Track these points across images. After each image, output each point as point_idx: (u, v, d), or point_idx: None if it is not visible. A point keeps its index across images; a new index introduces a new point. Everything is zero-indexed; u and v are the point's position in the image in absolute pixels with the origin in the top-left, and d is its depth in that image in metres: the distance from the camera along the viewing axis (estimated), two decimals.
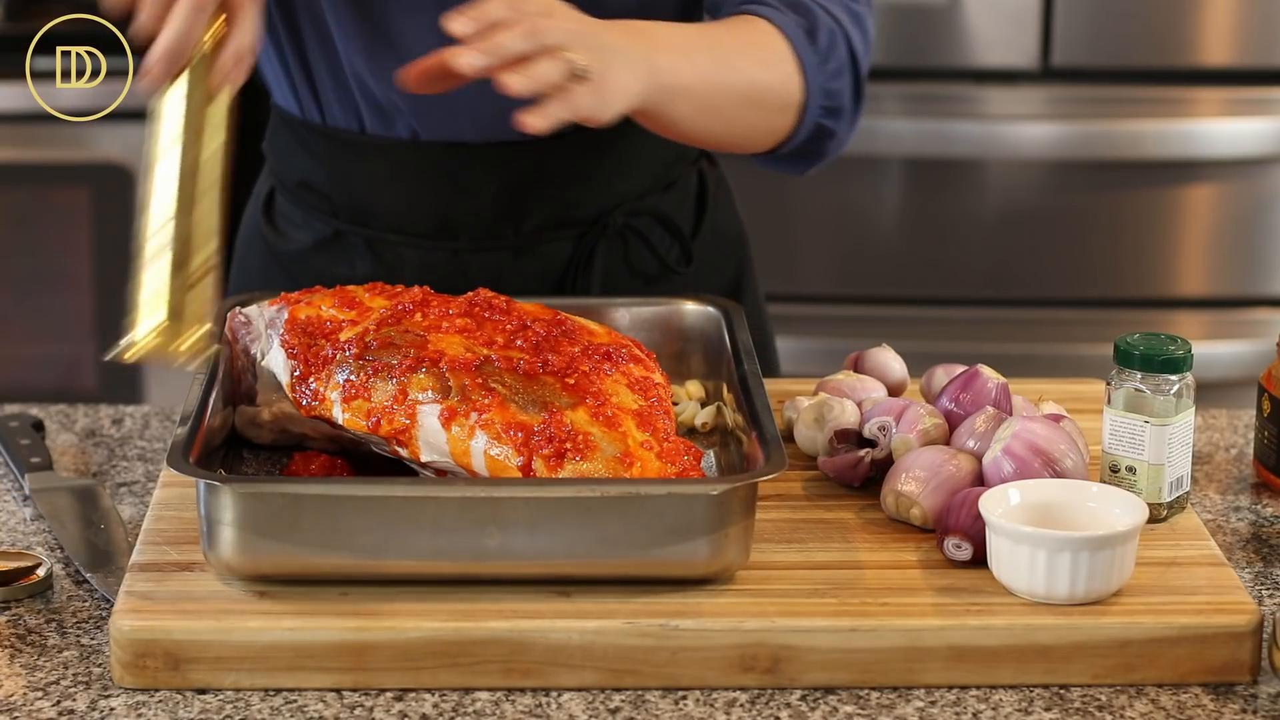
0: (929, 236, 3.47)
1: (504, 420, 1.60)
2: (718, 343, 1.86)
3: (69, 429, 1.95)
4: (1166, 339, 1.69)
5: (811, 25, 1.86)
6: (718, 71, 1.78)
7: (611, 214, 2.02)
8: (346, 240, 2.02)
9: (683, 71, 1.74)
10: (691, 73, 1.75)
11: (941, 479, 1.66)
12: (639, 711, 1.50)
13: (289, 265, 2.05)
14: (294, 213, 2.05)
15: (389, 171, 1.98)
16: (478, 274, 1.98)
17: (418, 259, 2.00)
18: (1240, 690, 1.54)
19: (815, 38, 1.85)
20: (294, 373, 1.70)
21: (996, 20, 3.38)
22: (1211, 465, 1.89)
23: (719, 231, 2.13)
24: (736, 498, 1.55)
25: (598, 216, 2.01)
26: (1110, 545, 1.55)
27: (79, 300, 3.55)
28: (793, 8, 1.86)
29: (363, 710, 1.49)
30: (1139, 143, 3.42)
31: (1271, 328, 3.49)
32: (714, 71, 1.78)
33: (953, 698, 1.52)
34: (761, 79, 1.81)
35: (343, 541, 1.53)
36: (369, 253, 2.01)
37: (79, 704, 1.49)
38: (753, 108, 1.82)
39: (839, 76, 1.87)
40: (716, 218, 2.13)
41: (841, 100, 1.87)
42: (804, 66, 1.84)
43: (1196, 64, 3.43)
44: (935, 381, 1.85)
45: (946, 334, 3.48)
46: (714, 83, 1.78)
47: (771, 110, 1.84)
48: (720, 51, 1.79)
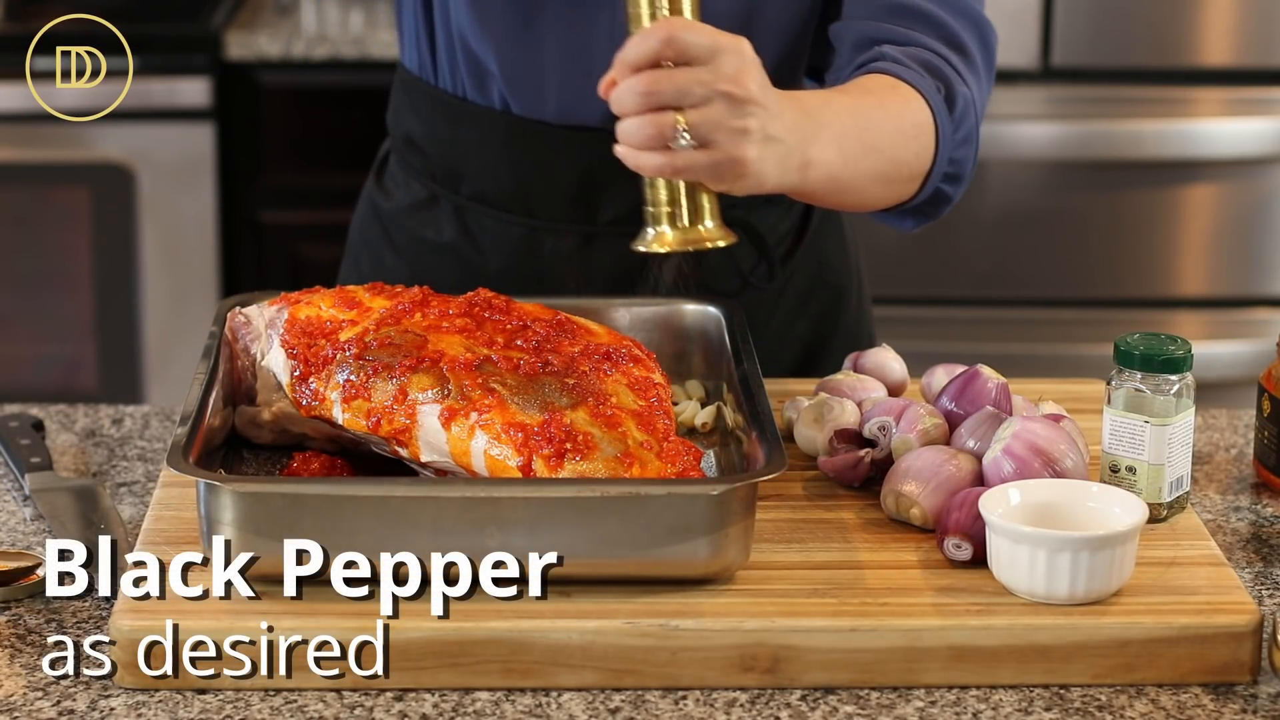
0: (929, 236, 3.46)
1: (504, 420, 1.60)
2: (718, 343, 1.86)
3: (69, 429, 1.95)
4: (1166, 339, 1.69)
5: (950, 93, 1.81)
6: (864, 156, 1.74)
7: None
8: (438, 205, 2.06)
9: (833, 163, 1.70)
10: (841, 164, 1.71)
11: (941, 479, 1.66)
12: (639, 711, 1.50)
13: (387, 224, 2.10)
14: (399, 173, 2.10)
15: (479, 139, 2.00)
16: (551, 255, 2.01)
17: (497, 231, 2.03)
18: (1240, 690, 1.54)
19: (953, 107, 1.81)
20: (294, 373, 1.70)
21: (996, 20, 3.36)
22: (1211, 465, 1.89)
23: (821, 259, 2.10)
24: (736, 498, 1.55)
25: None
26: (1110, 545, 1.55)
27: (79, 300, 3.56)
28: (930, 71, 1.82)
29: (363, 710, 1.49)
30: (1139, 143, 3.43)
31: (1271, 328, 3.50)
32: (863, 158, 1.74)
33: (953, 698, 1.52)
34: (901, 156, 1.77)
35: (343, 541, 1.53)
36: (455, 219, 2.04)
37: (79, 704, 1.49)
38: (886, 183, 1.79)
39: (966, 145, 1.83)
40: (820, 245, 2.09)
41: (964, 168, 1.84)
42: (939, 137, 1.80)
43: (1196, 64, 3.44)
44: (935, 381, 1.85)
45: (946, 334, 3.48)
46: (860, 169, 1.74)
47: (904, 181, 1.80)
48: (872, 135, 1.75)
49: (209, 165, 3.52)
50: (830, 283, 2.11)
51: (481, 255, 2.04)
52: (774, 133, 1.62)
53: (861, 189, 1.77)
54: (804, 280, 2.08)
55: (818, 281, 2.10)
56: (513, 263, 2.02)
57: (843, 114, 1.73)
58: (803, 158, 1.66)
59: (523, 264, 2.02)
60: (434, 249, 2.05)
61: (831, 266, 2.11)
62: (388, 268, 2.09)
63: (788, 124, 1.64)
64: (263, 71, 3.54)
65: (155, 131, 3.50)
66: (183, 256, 3.54)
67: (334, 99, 3.57)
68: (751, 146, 1.60)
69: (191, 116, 3.50)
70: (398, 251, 2.09)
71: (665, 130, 1.59)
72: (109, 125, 3.47)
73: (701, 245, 1.67)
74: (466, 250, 2.04)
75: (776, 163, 1.63)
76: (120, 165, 3.51)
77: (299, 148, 3.59)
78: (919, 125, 1.78)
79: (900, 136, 1.77)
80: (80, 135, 3.49)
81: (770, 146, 1.62)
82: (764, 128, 1.61)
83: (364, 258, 2.13)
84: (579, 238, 2.01)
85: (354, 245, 2.17)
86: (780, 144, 1.63)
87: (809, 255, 2.08)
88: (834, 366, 2.07)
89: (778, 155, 1.63)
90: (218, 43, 3.49)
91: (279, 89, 3.55)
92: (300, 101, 3.58)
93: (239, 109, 3.55)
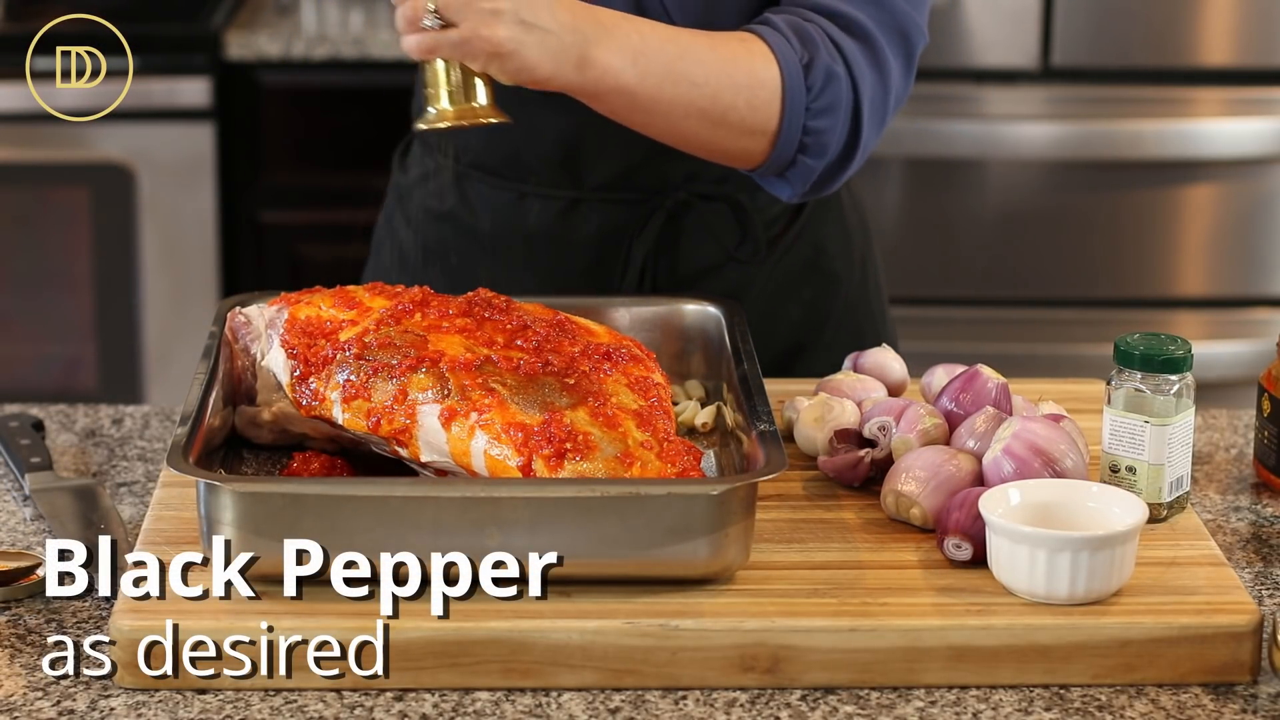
0: (929, 236, 3.47)
1: (504, 420, 1.60)
2: (718, 343, 1.86)
3: (69, 429, 1.95)
4: (1166, 339, 1.69)
5: (811, 60, 1.85)
6: (671, 82, 1.81)
7: (677, 188, 2.03)
8: (440, 175, 2.11)
9: (623, 74, 1.78)
10: (634, 76, 1.79)
11: (941, 479, 1.66)
12: (639, 711, 1.50)
13: (403, 197, 2.17)
14: (417, 150, 2.17)
15: None
16: (539, 220, 2.06)
17: (490, 196, 2.08)
18: (1240, 690, 1.54)
19: (810, 72, 1.85)
20: (294, 373, 1.70)
21: (996, 20, 3.38)
22: (1211, 465, 1.89)
23: (817, 245, 2.11)
24: (736, 498, 1.55)
25: (662, 186, 2.03)
26: (1110, 545, 1.55)
27: (79, 300, 3.56)
28: (800, 37, 1.86)
29: (363, 710, 1.49)
30: (1139, 143, 3.43)
31: (1271, 328, 3.49)
32: (666, 81, 1.80)
33: (953, 698, 1.52)
34: (727, 99, 1.83)
35: (343, 541, 1.53)
36: (455, 188, 2.10)
37: (79, 704, 1.49)
38: (711, 124, 1.84)
39: (827, 116, 1.86)
40: (817, 231, 2.11)
41: (826, 140, 1.87)
42: (787, 98, 1.85)
43: (1196, 64, 3.44)
44: (935, 381, 1.85)
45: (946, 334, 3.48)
46: (664, 92, 1.81)
47: (736, 131, 1.85)
48: (685, 63, 1.81)
49: (209, 165, 3.52)
50: (826, 270, 2.12)
51: (475, 220, 2.09)
52: (533, 20, 1.73)
53: (671, 117, 1.83)
54: (797, 263, 2.10)
55: (813, 267, 2.11)
56: (503, 227, 2.07)
57: (648, 34, 1.81)
58: (580, 55, 1.76)
59: (512, 227, 2.07)
60: (437, 217, 2.11)
61: (829, 254, 2.12)
62: (402, 242, 2.15)
63: (561, 19, 1.75)
64: (263, 71, 3.54)
65: (155, 131, 3.50)
66: (183, 256, 3.54)
67: (334, 99, 3.57)
68: (501, 27, 1.72)
69: (191, 116, 3.50)
70: (409, 222, 2.15)
71: (417, 13, 1.72)
72: (109, 125, 3.47)
73: (476, 121, 1.77)
74: (463, 216, 2.09)
75: (546, 52, 1.74)
76: (120, 165, 3.51)
77: (299, 148, 3.59)
78: (757, 78, 1.84)
79: (727, 79, 1.83)
80: (80, 135, 3.49)
81: (530, 32, 1.73)
82: (518, 12, 1.72)
83: (385, 238, 2.20)
84: (565, 202, 2.05)
85: (378, 231, 2.23)
86: (547, 33, 1.74)
87: (804, 240, 2.10)
88: (826, 355, 2.08)
89: (546, 44, 1.74)
90: (218, 43, 3.49)
91: (279, 89, 3.55)
92: (300, 101, 3.58)
93: (239, 109, 3.55)
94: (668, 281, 2.06)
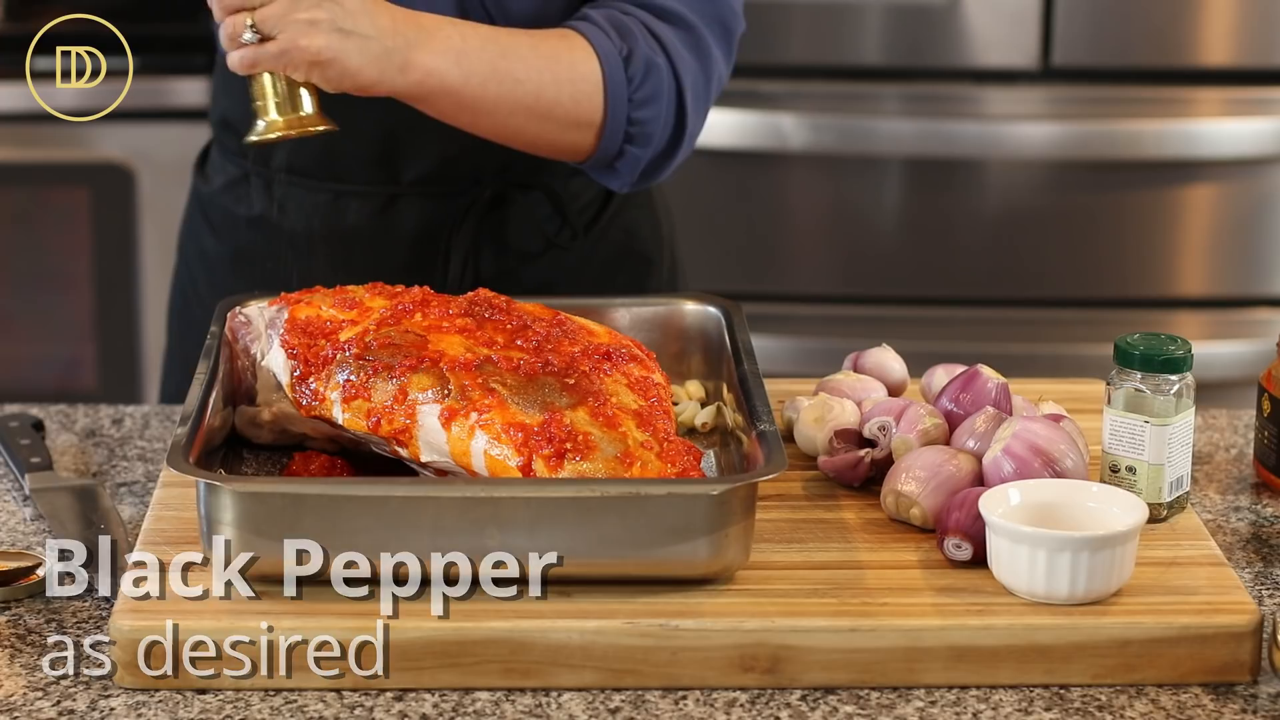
0: (929, 236, 3.47)
1: (504, 420, 1.60)
2: (718, 343, 1.86)
3: (69, 429, 1.95)
4: (1166, 339, 1.69)
5: (630, 51, 1.90)
6: (495, 80, 1.85)
7: (492, 178, 2.06)
8: (250, 181, 2.12)
9: (447, 75, 1.82)
10: (458, 77, 1.83)
11: (941, 479, 1.66)
12: (639, 711, 1.50)
13: (206, 207, 2.17)
14: (217, 158, 2.17)
15: None
16: (356, 219, 2.07)
17: (304, 198, 2.09)
18: (1240, 690, 1.54)
19: (630, 63, 1.90)
20: (294, 373, 1.70)
21: (996, 20, 3.38)
22: (1211, 465, 1.89)
23: (628, 229, 2.16)
24: (736, 498, 1.55)
25: (478, 178, 2.06)
26: (1110, 545, 1.55)
27: (79, 300, 3.55)
28: (619, 30, 1.91)
29: (363, 710, 1.49)
30: (1139, 143, 3.42)
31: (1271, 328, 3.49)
32: (490, 79, 1.85)
33: (953, 698, 1.52)
34: (550, 94, 1.88)
35: (343, 541, 1.53)
36: (266, 193, 2.11)
37: (79, 704, 1.49)
38: (538, 119, 1.88)
39: (650, 105, 1.91)
40: (627, 215, 2.15)
41: (651, 129, 1.92)
42: (609, 90, 1.89)
43: (1196, 64, 3.43)
44: (935, 381, 1.85)
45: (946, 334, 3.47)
46: (488, 91, 1.85)
47: (562, 125, 1.90)
48: (508, 61, 1.86)
49: None
50: (639, 253, 2.17)
51: (289, 221, 2.09)
52: (352, 27, 1.76)
53: (499, 115, 1.87)
54: (611, 249, 2.15)
55: (626, 251, 2.16)
56: (318, 227, 2.08)
57: (469, 35, 1.85)
58: (403, 59, 1.80)
59: (329, 227, 2.08)
60: (246, 223, 2.12)
61: (640, 238, 2.17)
62: (208, 250, 2.16)
63: (381, 25, 1.78)
64: None
65: (155, 131, 3.50)
66: None
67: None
68: (319, 36, 1.75)
69: (191, 116, 3.50)
70: (215, 231, 2.15)
71: (237, 29, 1.79)
72: (109, 125, 3.47)
73: (305, 130, 1.80)
74: (275, 219, 2.10)
75: (368, 58, 1.77)
76: (120, 165, 3.50)
77: None
78: (579, 71, 1.89)
79: (549, 75, 1.87)
80: (80, 135, 3.49)
81: (349, 40, 1.76)
82: (335, 20, 1.76)
83: (188, 246, 2.20)
84: (382, 199, 2.07)
85: (181, 239, 2.23)
86: (367, 39, 1.77)
87: (615, 225, 2.15)
88: None
89: (366, 50, 1.77)
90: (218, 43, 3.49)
91: None
92: None
93: None
94: (490, 272, 2.08)
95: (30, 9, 3.59)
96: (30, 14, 3.57)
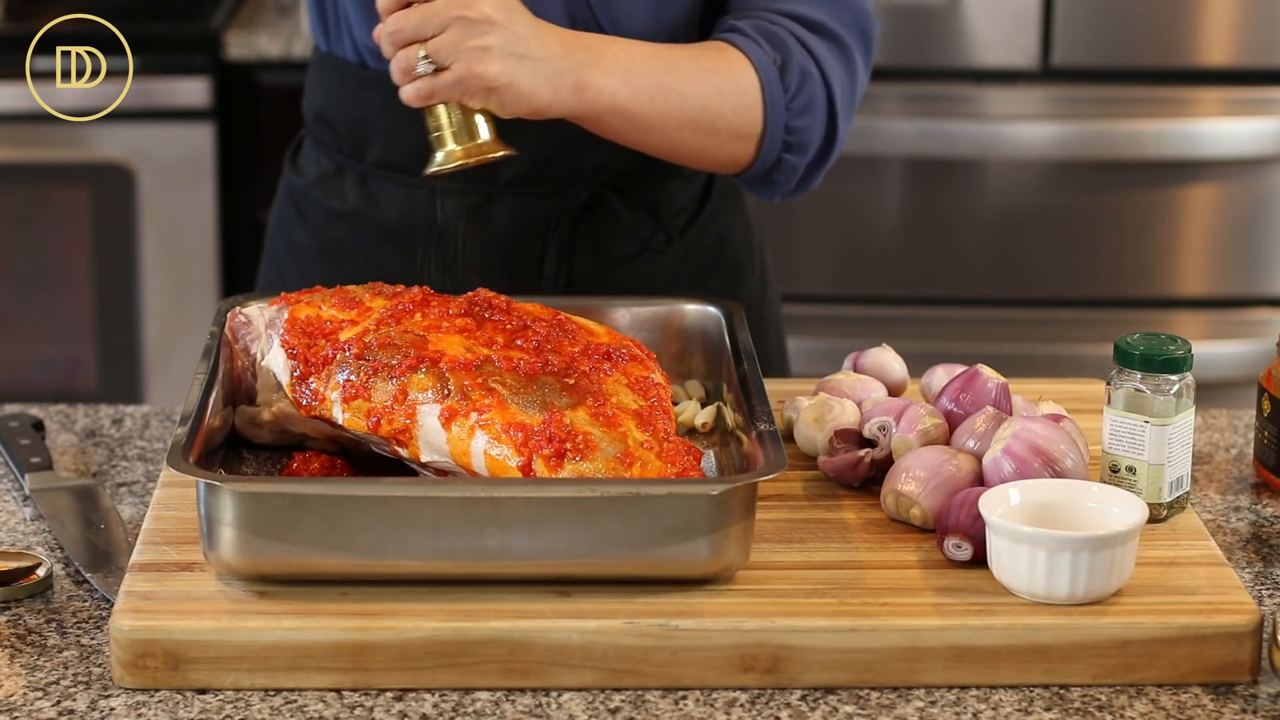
0: (929, 236, 3.47)
1: (504, 420, 1.60)
2: (718, 343, 1.86)
3: (69, 429, 1.95)
4: (1166, 339, 1.69)
5: (785, 61, 1.91)
6: (661, 96, 1.86)
7: (588, 180, 2.05)
8: (344, 175, 2.11)
9: (618, 93, 1.83)
10: (628, 95, 1.84)
11: (941, 479, 1.66)
12: (639, 711, 1.50)
13: (298, 200, 2.16)
14: (310, 150, 2.17)
15: (382, 106, 2.04)
16: (451, 216, 2.06)
17: (399, 194, 2.08)
18: (1240, 690, 1.54)
19: (785, 73, 1.91)
20: (294, 373, 1.70)
21: (996, 20, 3.38)
22: (1211, 465, 1.89)
23: (722, 235, 2.14)
24: (736, 498, 1.55)
25: (574, 180, 2.04)
26: (1110, 545, 1.55)
27: (79, 300, 3.55)
28: (770, 40, 1.92)
29: (363, 710, 1.49)
30: (1139, 143, 3.43)
31: (1271, 328, 3.50)
32: (657, 95, 1.86)
33: (953, 698, 1.52)
34: (714, 107, 1.89)
35: (343, 541, 1.53)
36: (360, 188, 2.10)
37: (79, 704, 1.49)
38: (701, 133, 1.89)
39: (806, 114, 1.93)
40: (722, 220, 2.15)
41: (807, 138, 1.94)
42: (767, 101, 1.90)
43: (1196, 64, 3.44)
44: (935, 381, 1.85)
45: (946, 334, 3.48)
46: (655, 107, 1.86)
47: (725, 138, 1.91)
48: (672, 77, 1.87)
49: (209, 165, 3.52)
50: (731, 258, 2.16)
51: (384, 217, 2.08)
52: (524, 51, 1.76)
53: (665, 130, 1.88)
54: (704, 253, 2.13)
55: (718, 256, 2.15)
56: (412, 223, 2.07)
57: (634, 52, 1.85)
58: (576, 79, 1.80)
59: (423, 224, 2.07)
60: (339, 217, 2.11)
61: (733, 244, 2.16)
62: (299, 244, 2.15)
63: (550, 46, 1.78)
64: (263, 71, 3.54)
65: (155, 131, 3.50)
66: (183, 256, 3.54)
67: None
68: (493, 62, 1.75)
69: (191, 116, 3.50)
70: (306, 223, 2.14)
71: (410, 62, 1.76)
72: (109, 125, 3.47)
73: (483, 158, 1.80)
74: (370, 214, 2.09)
75: (541, 80, 1.78)
76: (120, 165, 3.51)
77: None
78: (739, 83, 1.89)
79: (711, 88, 1.88)
80: (80, 135, 3.49)
81: (523, 64, 1.76)
82: (508, 45, 1.75)
83: (280, 240, 2.19)
84: (478, 198, 2.06)
85: (270, 232, 2.22)
86: (540, 62, 1.77)
87: (709, 229, 2.13)
88: None
89: (540, 73, 1.77)
90: (218, 43, 3.49)
91: (279, 89, 3.55)
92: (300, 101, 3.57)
93: (239, 109, 3.55)
94: (585, 274, 2.07)
95: (30, 9, 3.59)
96: (30, 14, 3.57)
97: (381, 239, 2.08)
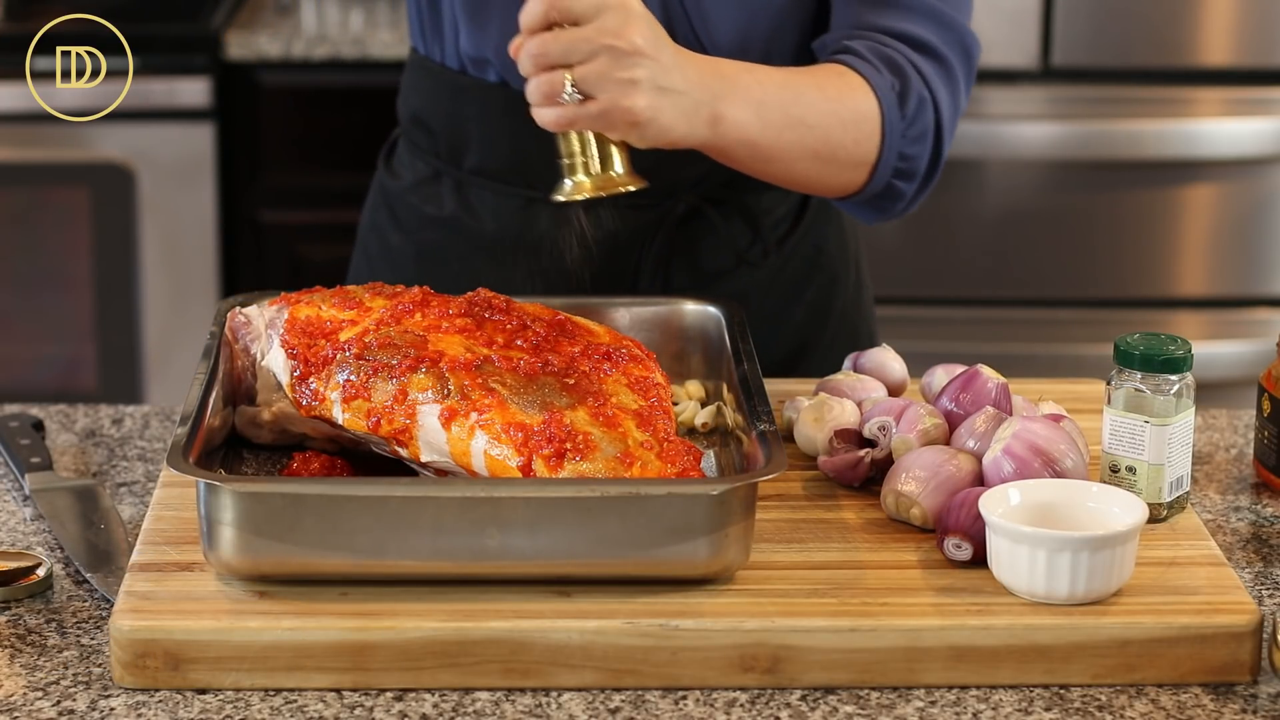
0: (929, 236, 3.47)
1: (504, 420, 1.60)
2: (718, 343, 1.86)
3: (69, 429, 1.95)
4: (1166, 339, 1.69)
5: (904, 88, 1.88)
6: (789, 128, 1.82)
7: (686, 192, 2.03)
8: (440, 181, 2.10)
9: (749, 126, 1.79)
10: (758, 127, 1.79)
11: (941, 479, 1.66)
12: (639, 711, 1.50)
13: (393, 204, 2.15)
14: (405, 154, 2.15)
15: (479, 113, 2.04)
16: (546, 225, 2.05)
17: (496, 203, 2.07)
18: (1240, 690, 1.54)
19: (905, 101, 1.88)
20: (294, 373, 1.70)
21: (996, 20, 3.38)
22: (1211, 465, 1.89)
23: (818, 245, 2.13)
24: (736, 498, 1.55)
25: (672, 192, 2.03)
26: (1110, 545, 1.55)
27: (79, 300, 3.56)
28: (889, 66, 1.88)
29: (363, 710, 1.49)
30: (1139, 143, 3.43)
31: (1271, 328, 3.50)
32: (785, 128, 1.82)
33: (953, 698, 1.52)
34: (836, 138, 1.85)
35: (343, 541, 1.53)
36: (456, 194, 2.09)
37: (79, 704, 1.49)
38: (822, 163, 1.86)
39: (919, 142, 1.90)
40: (818, 231, 2.13)
41: (917, 165, 1.91)
42: (886, 129, 1.87)
43: (1196, 64, 3.44)
44: (935, 381, 1.85)
45: (946, 334, 3.48)
46: (783, 138, 1.82)
47: (843, 166, 1.87)
48: (799, 107, 1.82)
49: (209, 165, 3.52)
50: (826, 269, 2.13)
51: (480, 225, 2.07)
52: (668, 84, 1.71)
53: (788, 160, 1.84)
54: (800, 264, 2.11)
55: (814, 267, 2.12)
56: (510, 232, 2.06)
57: (765, 82, 1.81)
58: (712, 112, 1.76)
59: (518, 232, 2.06)
60: (435, 223, 2.09)
61: (828, 254, 2.13)
62: (393, 246, 2.14)
63: (690, 78, 1.73)
64: (263, 71, 3.54)
65: (155, 131, 3.50)
66: (183, 256, 3.55)
67: (334, 99, 3.57)
68: (640, 96, 1.69)
69: (191, 116, 3.50)
70: (401, 228, 2.13)
71: (555, 87, 1.69)
72: (109, 125, 3.47)
73: (614, 190, 1.75)
74: (466, 221, 2.08)
75: (680, 114, 1.73)
76: (120, 165, 3.51)
77: (299, 148, 3.59)
78: (860, 112, 1.86)
79: (835, 118, 1.85)
80: (80, 135, 3.49)
81: (665, 97, 1.71)
82: (654, 78, 1.70)
83: (371, 240, 2.18)
84: (575, 208, 2.04)
85: (363, 230, 2.21)
86: (681, 95, 1.72)
87: (805, 240, 2.11)
88: (827, 355, 2.09)
89: (679, 106, 1.72)
90: (218, 43, 3.50)
91: (279, 89, 3.55)
92: (300, 101, 3.58)
93: (239, 109, 3.55)
94: (681, 285, 2.06)
95: (30, 9, 3.59)
96: (30, 14, 3.57)
97: (476, 247, 2.07)
